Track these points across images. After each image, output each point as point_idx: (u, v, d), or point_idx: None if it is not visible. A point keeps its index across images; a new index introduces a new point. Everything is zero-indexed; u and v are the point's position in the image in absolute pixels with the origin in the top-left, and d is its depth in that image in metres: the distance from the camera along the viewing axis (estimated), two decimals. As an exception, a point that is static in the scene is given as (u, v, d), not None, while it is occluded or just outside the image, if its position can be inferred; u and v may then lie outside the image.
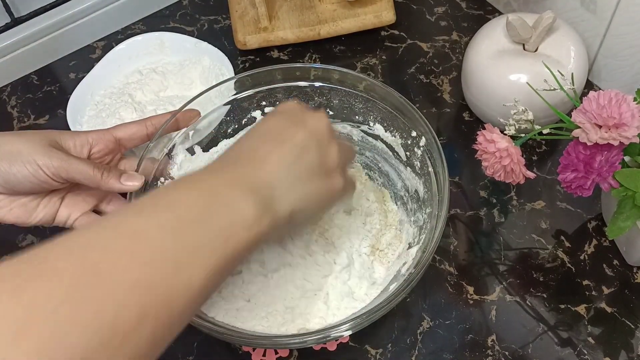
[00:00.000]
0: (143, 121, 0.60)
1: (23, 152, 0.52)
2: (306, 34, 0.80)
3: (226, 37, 0.83)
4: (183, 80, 0.75)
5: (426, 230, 0.57)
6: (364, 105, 0.65)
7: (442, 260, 0.63)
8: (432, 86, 0.78)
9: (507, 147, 0.55)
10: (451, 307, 0.61)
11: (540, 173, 0.69)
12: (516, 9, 0.81)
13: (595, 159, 0.53)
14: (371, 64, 0.80)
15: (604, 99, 0.51)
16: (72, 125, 0.70)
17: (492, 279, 0.62)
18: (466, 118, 0.74)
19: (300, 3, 0.82)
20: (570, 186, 0.55)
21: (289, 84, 0.65)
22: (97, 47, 0.84)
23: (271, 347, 0.57)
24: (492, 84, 0.66)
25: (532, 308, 0.60)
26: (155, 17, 0.87)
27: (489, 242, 0.65)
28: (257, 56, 0.82)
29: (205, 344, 0.59)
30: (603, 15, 0.69)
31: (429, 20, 0.84)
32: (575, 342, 0.58)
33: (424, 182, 0.61)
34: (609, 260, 0.63)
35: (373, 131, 0.66)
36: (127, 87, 0.75)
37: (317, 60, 0.81)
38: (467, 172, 0.70)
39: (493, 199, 0.67)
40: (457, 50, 0.81)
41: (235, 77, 0.64)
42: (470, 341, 0.59)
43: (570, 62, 0.65)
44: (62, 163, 0.53)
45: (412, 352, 0.58)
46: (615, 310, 0.60)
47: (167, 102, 0.73)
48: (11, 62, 0.80)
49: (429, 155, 0.59)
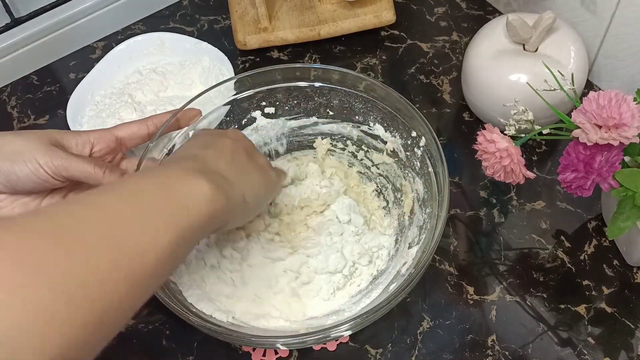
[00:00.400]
0: (144, 120, 0.61)
1: (24, 151, 0.53)
2: (306, 34, 0.80)
3: (226, 37, 0.83)
4: (183, 81, 0.75)
5: (426, 230, 0.57)
6: (364, 105, 0.65)
7: (442, 260, 0.63)
8: (432, 86, 0.78)
9: (507, 147, 0.55)
10: (451, 307, 0.61)
11: (540, 173, 0.69)
12: (516, 9, 0.81)
13: (595, 159, 0.53)
14: (371, 64, 0.80)
15: (604, 99, 0.51)
16: (72, 125, 0.70)
17: (492, 279, 0.62)
18: (466, 118, 0.74)
19: (300, 3, 0.82)
20: (570, 186, 0.55)
21: (289, 84, 0.65)
22: (97, 47, 0.84)
23: (271, 347, 0.57)
24: (492, 84, 0.67)
25: (532, 308, 0.60)
26: (155, 17, 0.87)
27: (489, 242, 0.65)
28: (257, 56, 0.82)
29: (205, 344, 0.59)
30: (603, 15, 0.69)
31: (429, 21, 0.84)
32: (575, 342, 0.58)
33: (424, 182, 0.61)
34: (609, 261, 0.63)
35: (373, 131, 0.66)
36: (127, 87, 0.75)
37: (317, 60, 0.81)
38: (467, 172, 0.70)
39: (493, 199, 0.68)
40: (457, 51, 0.81)
41: (235, 77, 0.64)
42: (470, 341, 0.59)
43: (570, 62, 0.65)
44: (63, 162, 0.53)
45: (412, 352, 0.58)
46: (615, 311, 0.60)
47: (167, 102, 0.73)
48: (11, 62, 0.80)
49: (429, 156, 0.59)
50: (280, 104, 0.67)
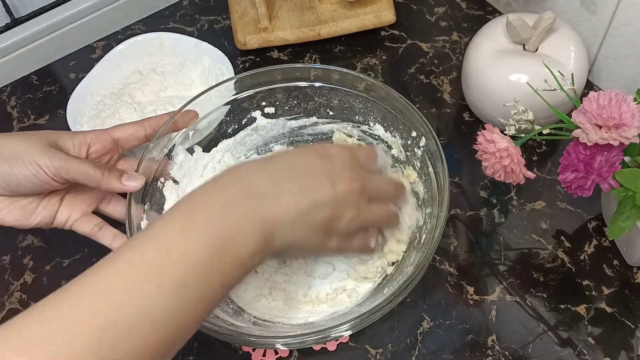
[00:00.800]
0: (141, 122, 0.61)
1: (23, 154, 0.53)
2: (306, 34, 0.80)
3: (226, 37, 0.83)
4: (183, 81, 0.75)
5: (426, 230, 0.57)
6: (364, 106, 0.65)
7: (442, 261, 0.63)
8: (432, 86, 0.78)
9: (507, 147, 0.55)
10: (451, 307, 0.61)
11: (541, 173, 0.69)
12: (516, 9, 0.81)
13: (595, 159, 0.53)
14: (371, 64, 0.80)
15: (604, 99, 0.51)
16: (72, 125, 0.70)
17: (492, 279, 0.62)
18: (466, 118, 0.74)
19: (300, 3, 0.82)
20: (571, 186, 0.55)
21: (289, 84, 0.65)
22: (97, 47, 0.84)
23: (271, 347, 0.57)
24: (492, 84, 0.66)
25: (532, 308, 0.60)
26: (155, 17, 0.87)
27: (489, 242, 0.65)
28: (257, 56, 0.82)
29: (205, 344, 0.59)
30: (603, 15, 0.69)
31: (429, 21, 0.84)
32: (575, 342, 0.58)
33: (424, 183, 0.61)
34: (609, 261, 0.63)
35: (373, 131, 0.66)
36: (127, 88, 0.75)
37: (317, 60, 0.81)
38: (467, 173, 0.70)
39: (493, 199, 0.67)
40: (457, 51, 0.81)
41: (235, 77, 0.64)
42: (470, 341, 0.59)
43: (570, 63, 0.65)
44: (63, 163, 0.53)
45: (412, 352, 0.58)
46: (615, 311, 0.60)
47: (167, 103, 0.73)
48: (11, 62, 0.80)
49: (429, 156, 0.59)
50: (280, 104, 0.67)
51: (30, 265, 0.65)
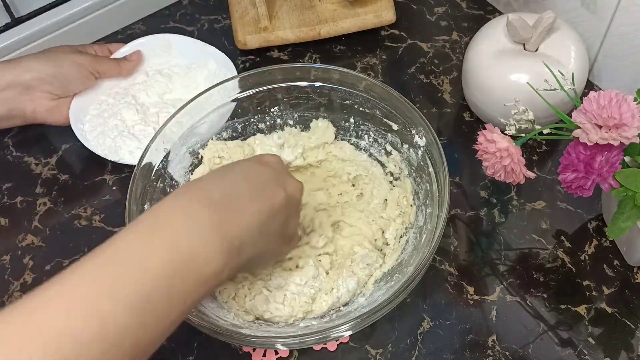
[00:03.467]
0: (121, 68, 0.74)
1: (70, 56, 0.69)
2: (306, 33, 0.80)
3: (226, 37, 0.83)
4: (189, 84, 0.75)
5: (426, 230, 0.57)
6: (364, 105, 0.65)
7: (442, 261, 0.63)
8: (432, 86, 0.78)
9: (507, 147, 0.55)
10: (451, 308, 0.61)
11: (541, 173, 0.69)
12: (516, 9, 0.81)
13: (595, 159, 0.53)
14: (371, 63, 0.80)
15: (604, 99, 0.51)
16: (73, 124, 0.70)
17: (492, 279, 0.62)
18: (466, 118, 0.74)
19: (301, 3, 0.82)
20: (571, 186, 0.55)
21: (289, 84, 0.65)
22: (97, 47, 0.84)
23: (271, 347, 0.57)
24: (492, 84, 0.66)
25: (533, 308, 0.60)
26: (155, 17, 0.87)
27: (490, 242, 0.65)
28: (258, 56, 0.82)
29: (205, 344, 0.59)
30: (603, 15, 0.69)
31: (429, 20, 0.84)
32: (576, 343, 0.58)
33: (424, 183, 0.61)
34: (609, 261, 0.63)
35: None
36: (132, 88, 0.75)
37: (317, 60, 0.81)
38: (468, 172, 0.70)
39: (493, 199, 0.67)
40: (458, 50, 0.81)
41: (235, 77, 0.64)
42: (471, 341, 0.59)
43: (570, 62, 0.65)
44: (96, 60, 0.71)
45: (412, 352, 0.58)
46: (616, 311, 0.60)
47: (171, 105, 0.73)
48: (11, 62, 0.80)
49: (429, 156, 0.59)
50: (281, 104, 0.67)
51: (30, 265, 0.65)
